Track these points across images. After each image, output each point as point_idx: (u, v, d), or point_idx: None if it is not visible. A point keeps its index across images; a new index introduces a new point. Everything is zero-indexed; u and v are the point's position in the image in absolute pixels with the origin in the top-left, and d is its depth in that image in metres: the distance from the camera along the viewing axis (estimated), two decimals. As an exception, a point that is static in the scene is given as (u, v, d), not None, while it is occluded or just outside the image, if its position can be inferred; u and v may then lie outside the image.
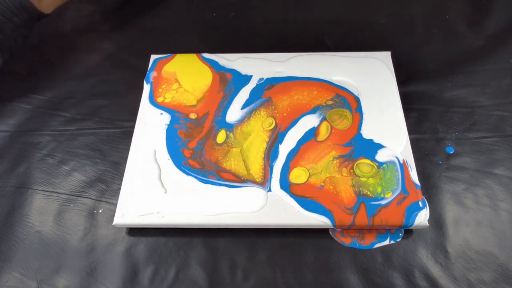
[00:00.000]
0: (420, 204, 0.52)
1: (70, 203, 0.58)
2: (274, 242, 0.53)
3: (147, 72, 0.67)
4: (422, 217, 0.51)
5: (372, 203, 0.52)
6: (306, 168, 0.56)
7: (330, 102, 0.62)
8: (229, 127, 0.60)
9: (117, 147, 0.62)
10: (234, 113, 0.62)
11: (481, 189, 0.56)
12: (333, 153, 0.57)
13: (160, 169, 0.57)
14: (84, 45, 0.76)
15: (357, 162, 0.56)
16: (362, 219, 0.52)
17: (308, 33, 0.75)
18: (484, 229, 0.53)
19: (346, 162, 0.56)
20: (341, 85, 0.63)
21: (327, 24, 0.76)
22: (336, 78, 0.64)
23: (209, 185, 0.55)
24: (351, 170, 0.55)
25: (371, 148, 0.57)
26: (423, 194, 0.54)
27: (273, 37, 0.75)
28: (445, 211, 0.55)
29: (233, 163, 0.57)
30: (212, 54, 0.69)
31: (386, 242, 0.53)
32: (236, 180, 0.55)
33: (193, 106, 0.63)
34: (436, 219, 0.54)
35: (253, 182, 0.55)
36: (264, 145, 0.58)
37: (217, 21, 0.78)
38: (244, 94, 0.64)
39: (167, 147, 0.59)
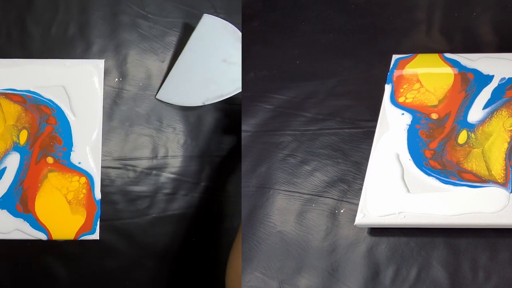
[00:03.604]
0: None
1: (312, 203, 0.58)
2: (517, 242, 0.52)
3: (389, 72, 0.69)
4: None
5: None
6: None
7: None
8: (471, 127, 0.61)
9: (359, 147, 0.62)
10: (475, 113, 0.62)
11: None
12: None
13: (403, 169, 0.58)
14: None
15: None
16: None
17: None
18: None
19: None
20: None
21: None
22: None
23: (450, 186, 0.57)
24: None
25: None
26: None
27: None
28: None
29: (474, 164, 0.58)
30: (454, 54, 0.68)
31: None
32: (477, 180, 0.57)
33: (435, 106, 0.64)
34: None
35: (495, 182, 0.56)
36: (506, 145, 0.58)
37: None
38: (485, 94, 0.64)
39: (408, 147, 0.61)
